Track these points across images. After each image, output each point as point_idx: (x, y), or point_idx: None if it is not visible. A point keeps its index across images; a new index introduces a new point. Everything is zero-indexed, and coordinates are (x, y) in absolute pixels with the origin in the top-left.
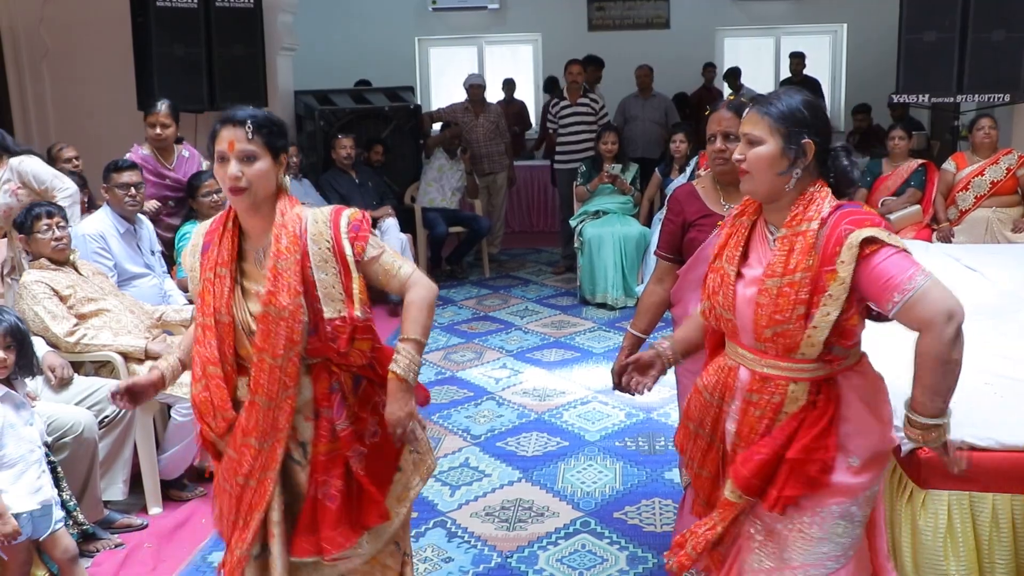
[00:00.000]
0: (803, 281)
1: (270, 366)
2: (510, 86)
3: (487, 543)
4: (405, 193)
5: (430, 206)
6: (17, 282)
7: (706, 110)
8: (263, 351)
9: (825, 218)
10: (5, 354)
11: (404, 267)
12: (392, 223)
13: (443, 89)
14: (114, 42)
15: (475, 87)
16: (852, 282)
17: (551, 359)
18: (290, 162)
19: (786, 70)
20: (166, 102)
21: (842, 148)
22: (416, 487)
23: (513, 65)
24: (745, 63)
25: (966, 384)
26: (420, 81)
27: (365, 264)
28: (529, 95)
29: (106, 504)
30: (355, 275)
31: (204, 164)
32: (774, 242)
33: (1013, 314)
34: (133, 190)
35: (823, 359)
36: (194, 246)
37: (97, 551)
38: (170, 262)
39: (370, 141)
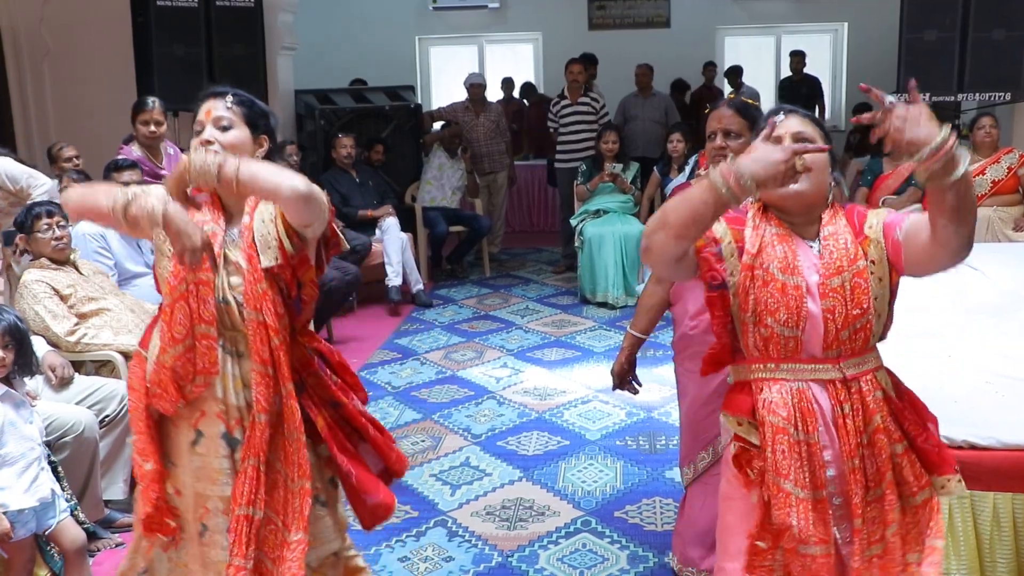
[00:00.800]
0: (867, 268)
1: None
2: (509, 85)
3: (488, 542)
4: (406, 192)
5: (431, 205)
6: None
7: (706, 108)
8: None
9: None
10: (4, 353)
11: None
12: (392, 222)
13: (443, 88)
14: (114, 42)
15: (475, 86)
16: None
17: (552, 358)
18: (290, 161)
19: (787, 69)
20: (156, 100)
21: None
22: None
23: (514, 64)
24: (745, 62)
25: (967, 383)
26: (420, 80)
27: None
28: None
29: (106, 504)
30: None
31: None
32: (819, 242)
33: (1014, 313)
34: None
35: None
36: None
37: (98, 550)
38: None
39: (370, 140)
